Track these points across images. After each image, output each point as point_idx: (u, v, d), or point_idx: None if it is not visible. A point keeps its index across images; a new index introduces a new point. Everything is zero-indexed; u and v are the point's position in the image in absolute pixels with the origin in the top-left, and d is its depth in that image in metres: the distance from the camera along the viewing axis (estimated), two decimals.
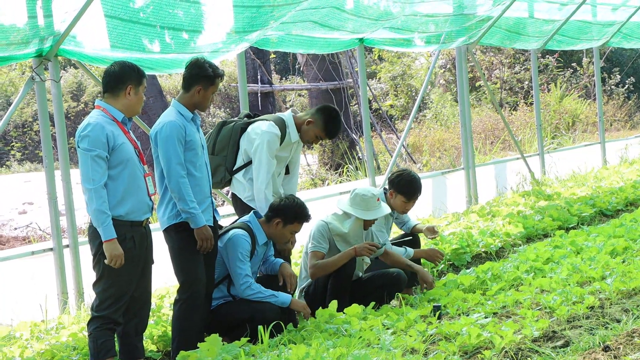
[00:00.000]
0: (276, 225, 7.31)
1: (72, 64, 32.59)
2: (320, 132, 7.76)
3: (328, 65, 21.27)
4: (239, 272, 7.06)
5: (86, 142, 6.16)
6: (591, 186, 13.95)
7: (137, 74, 6.37)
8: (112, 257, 6.14)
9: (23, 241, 15.35)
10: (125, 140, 6.31)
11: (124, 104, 6.35)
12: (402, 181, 8.41)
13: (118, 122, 6.32)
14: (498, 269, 8.48)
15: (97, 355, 6.30)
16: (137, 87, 6.36)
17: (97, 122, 6.20)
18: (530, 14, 14.54)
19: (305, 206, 7.42)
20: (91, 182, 6.13)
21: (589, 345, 5.96)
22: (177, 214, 6.68)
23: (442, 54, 26.09)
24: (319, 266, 7.67)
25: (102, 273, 6.28)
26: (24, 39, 7.65)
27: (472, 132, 14.17)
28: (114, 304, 6.30)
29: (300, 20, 9.97)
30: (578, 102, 26.25)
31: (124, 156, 6.26)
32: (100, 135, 6.16)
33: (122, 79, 6.33)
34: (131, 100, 6.36)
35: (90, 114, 6.34)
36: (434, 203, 13.20)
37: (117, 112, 6.34)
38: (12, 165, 34.96)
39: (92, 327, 6.33)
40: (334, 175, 20.49)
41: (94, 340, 6.30)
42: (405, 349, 6.15)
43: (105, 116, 6.30)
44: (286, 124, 7.72)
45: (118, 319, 6.35)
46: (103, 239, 6.14)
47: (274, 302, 7.08)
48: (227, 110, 34.17)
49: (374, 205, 7.80)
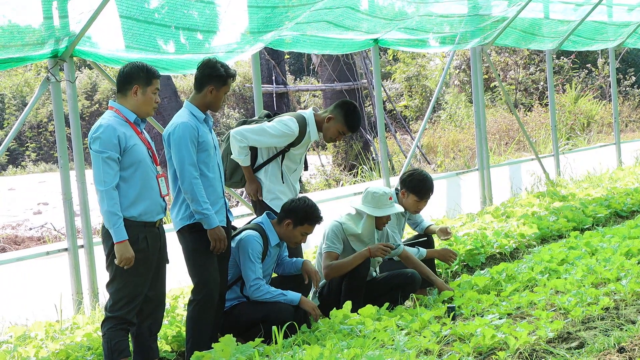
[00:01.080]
0: (287, 226, 7.30)
1: (86, 64, 32.67)
2: (342, 127, 7.79)
3: (342, 65, 21.28)
4: (249, 274, 7.07)
5: (97, 144, 6.17)
6: (606, 187, 13.90)
7: (145, 73, 6.34)
8: (123, 259, 6.14)
9: (38, 241, 15.40)
10: (138, 142, 6.31)
11: (132, 104, 6.35)
12: (414, 180, 8.39)
13: (130, 122, 6.32)
14: (512, 270, 8.46)
15: (111, 355, 6.32)
16: (144, 87, 6.33)
17: (109, 124, 6.20)
18: (545, 15, 14.50)
19: (316, 207, 7.39)
20: (102, 184, 6.13)
21: (603, 346, 5.94)
22: (191, 215, 6.68)
23: (456, 55, 26.07)
24: (334, 267, 7.66)
25: (115, 274, 6.29)
26: (39, 39, 7.68)
27: (486, 132, 14.14)
28: (127, 304, 6.31)
29: (314, 21, 9.97)
30: (593, 103, 26.18)
31: (136, 157, 6.26)
32: (111, 137, 6.16)
33: (129, 79, 6.33)
34: (138, 100, 6.34)
35: (103, 115, 6.34)
36: (448, 204, 13.18)
37: (130, 113, 6.34)
38: (28, 165, 35.08)
39: (105, 328, 6.34)
40: (348, 176, 20.48)
41: (108, 341, 6.32)
42: (419, 350, 6.14)
43: (117, 117, 6.30)
44: (307, 122, 7.75)
45: (132, 319, 6.36)
46: (114, 241, 6.15)
47: (283, 300, 7.07)
48: (242, 111, 34.20)
49: (385, 203, 7.78)
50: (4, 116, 37.38)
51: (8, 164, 35.40)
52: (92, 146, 6.20)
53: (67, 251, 8.42)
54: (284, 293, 7.09)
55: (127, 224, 6.18)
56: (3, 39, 7.43)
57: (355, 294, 7.59)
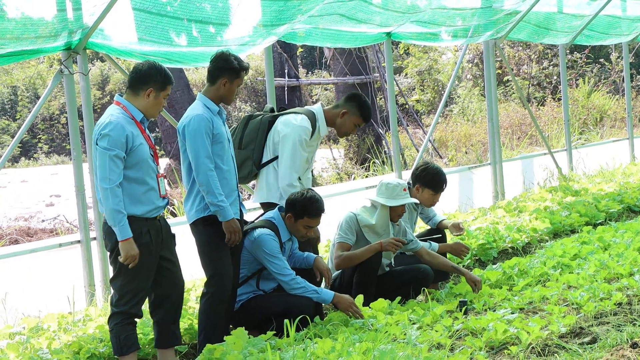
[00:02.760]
0: (289, 220, 7.30)
1: (98, 57, 32.76)
2: (358, 119, 7.77)
3: (355, 59, 21.26)
4: (277, 268, 7.05)
5: (106, 141, 6.11)
6: (619, 182, 13.86)
7: (162, 78, 6.29)
8: (128, 257, 6.12)
9: (50, 233, 15.44)
10: (143, 141, 6.27)
11: (142, 105, 6.31)
12: (429, 175, 8.39)
13: (137, 121, 6.29)
14: (525, 265, 8.45)
15: (120, 350, 6.32)
16: (158, 91, 6.29)
17: (118, 122, 6.15)
18: (559, 9, 14.45)
19: (316, 199, 7.27)
20: (108, 182, 6.09)
21: (616, 341, 5.93)
22: (205, 207, 6.68)
23: (469, 49, 26.02)
24: (344, 257, 7.67)
25: (120, 269, 6.27)
26: (52, 32, 7.68)
27: (499, 127, 14.11)
28: (132, 298, 6.30)
29: (327, 14, 9.96)
30: (606, 97, 26.10)
31: (140, 157, 6.22)
32: (120, 136, 6.12)
33: (145, 79, 6.28)
34: (149, 102, 6.30)
35: (109, 110, 6.28)
36: (460, 198, 13.16)
37: (137, 112, 6.28)
38: (40, 157, 35.20)
39: (113, 323, 6.34)
40: (360, 169, 20.47)
41: (116, 336, 6.32)
42: (431, 344, 6.14)
43: (125, 115, 6.25)
44: (316, 118, 7.74)
45: (138, 313, 6.35)
46: (119, 239, 6.11)
47: (315, 298, 7.08)
48: (254, 104, 34.26)
49: (399, 194, 7.77)
50: (17, 108, 37.52)
51: (20, 156, 35.55)
52: (99, 142, 6.13)
53: (80, 243, 8.43)
54: (317, 290, 7.09)
55: (129, 220, 6.16)
56: (16, 32, 7.44)
57: (367, 287, 7.59)
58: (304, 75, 33.52)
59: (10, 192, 23.81)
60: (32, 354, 6.67)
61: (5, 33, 7.32)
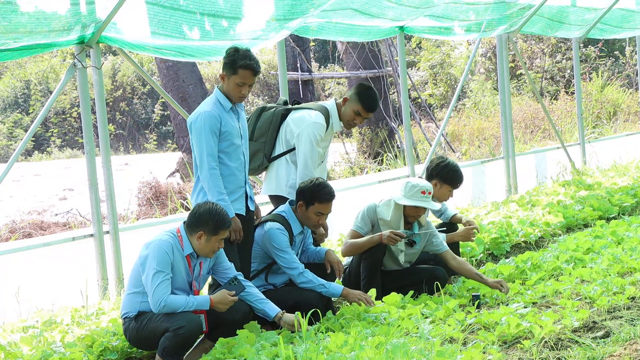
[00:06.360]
0: (300, 209, 7.31)
1: (111, 51, 32.79)
2: (357, 106, 7.67)
3: (368, 53, 21.23)
4: (285, 262, 7.09)
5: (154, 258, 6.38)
6: (632, 176, 13.81)
7: (214, 223, 6.39)
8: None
9: (64, 227, 15.46)
10: (184, 275, 6.47)
11: (194, 244, 6.45)
12: (450, 171, 8.37)
13: (187, 256, 6.47)
14: (538, 259, 8.43)
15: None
16: (209, 235, 6.40)
17: (169, 245, 6.40)
18: (572, 3, 14.39)
19: (325, 185, 7.30)
20: (157, 306, 6.30)
21: (629, 336, 5.92)
22: None
23: (482, 43, 25.95)
24: (348, 245, 7.76)
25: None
26: (65, 25, 7.70)
27: (512, 121, 14.07)
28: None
29: (340, 8, 9.95)
30: (620, 91, 25.98)
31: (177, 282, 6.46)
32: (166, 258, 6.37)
33: (197, 222, 6.41)
34: (201, 244, 6.43)
35: (169, 231, 6.51)
36: (473, 192, 13.14)
37: (189, 247, 6.47)
38: (53, 151, 35.26)
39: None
40: (372, 163, 20.45)
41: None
42: (444, 338, 6.14)
43: (177, 244, 6.44)
44: (330, 114, 7.72)
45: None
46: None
47: (324, 292, 7.11)
48: (266, 98, 34.28)
49: (414, 195, 7.71)
50: (30, 102, 37.61)
51: (34, 150, 35.64)
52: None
53: (93, 237, 8.45)
54: (324, 284, 7.11)
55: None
56: (30, 25, 7.45)
57: (372, 275, 7.62)
58: (316, 69, 33.49)
59: (23, 186, 23.89)
60: (45, 347, 6.70)
61: (19, 27, 7.33)
